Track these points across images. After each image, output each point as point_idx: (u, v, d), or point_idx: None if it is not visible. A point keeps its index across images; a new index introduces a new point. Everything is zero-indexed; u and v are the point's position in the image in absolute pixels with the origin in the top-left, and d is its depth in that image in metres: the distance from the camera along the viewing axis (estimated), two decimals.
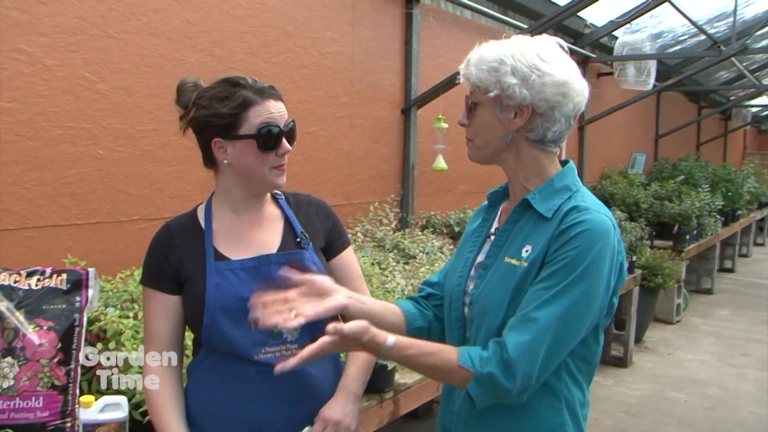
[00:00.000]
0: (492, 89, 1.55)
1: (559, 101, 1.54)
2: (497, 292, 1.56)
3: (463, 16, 5.80)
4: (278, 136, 1.70)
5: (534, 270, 1.52)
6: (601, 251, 1.48)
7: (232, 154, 1.71)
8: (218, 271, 1.71)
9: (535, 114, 1.55)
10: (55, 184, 2.92)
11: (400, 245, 4.12)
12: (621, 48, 7.62)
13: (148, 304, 1.79)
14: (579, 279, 1.46)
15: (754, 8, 8.50)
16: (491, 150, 1.63)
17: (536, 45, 1.56)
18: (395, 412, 2.84)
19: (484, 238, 1.74)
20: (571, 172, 1.65)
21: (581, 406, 1.62)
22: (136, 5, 3.14)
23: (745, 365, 6.35)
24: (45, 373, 1.91)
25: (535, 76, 1.51)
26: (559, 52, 1.57)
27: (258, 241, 1.79)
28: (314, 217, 1.90)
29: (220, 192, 1.81)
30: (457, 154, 5.30)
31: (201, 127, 1.74)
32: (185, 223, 1.81)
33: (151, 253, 1.80)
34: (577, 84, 1.56)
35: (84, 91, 2.98)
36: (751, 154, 19.38)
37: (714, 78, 12.16)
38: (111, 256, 3.13)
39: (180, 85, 1.80)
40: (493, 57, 1.55)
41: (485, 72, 1.55)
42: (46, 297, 1.99)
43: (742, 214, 10.59)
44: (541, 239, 1.54)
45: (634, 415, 5.07)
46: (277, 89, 1.75)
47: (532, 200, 1.59)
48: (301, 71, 4.09)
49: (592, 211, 1.52)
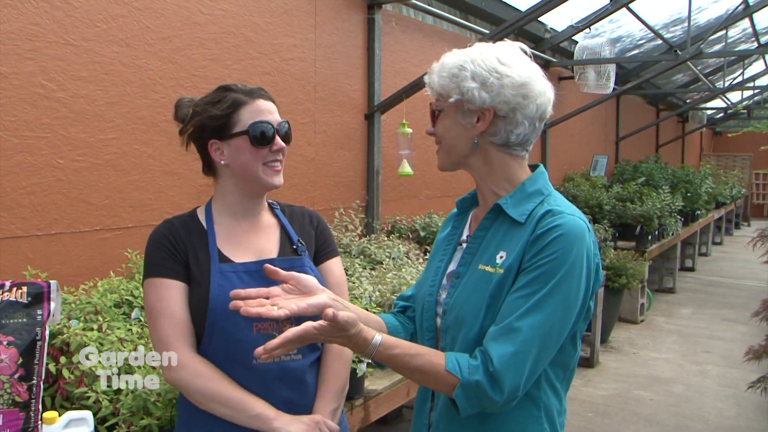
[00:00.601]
0: (452, 95, 1.55)
1: (519, 102, 1.54)
2: (472, 300, 1.53)
3: (425, 21, 5.82)
4: (270, 132, 1.77)
5: (510, 277, 1.50)
6: (578, 255, 1.47)
7: (228, 154, 1.78)
8: (222, 272, 1.74)
9: (497, 117, 1.55)
10: (13, 194, 2.85)
11: (366, 251, 4.11)
12: (581, 52, 7.73)
13: (164, 292, 1.73)
14: (559, 285, 1.44)
15: (707, 14, 8.70)
16: (457, 156, 1.62)
17: (497, 50, 1.57)
18: (366, 419, 2.83)
19: (454, 246, 1.72)
20: (542, 176, 1.65)
21: (558, 414, 1.60)
22: (95, 12, 3.08)
23: (707, 362, 6.46)
24: (5, 390, 1.85)
25: (493, 78, 1.52)
26: (520, 55, 1.58)
27: (256, 246, 1.83)
28: (308, 227, 1.95)
29: (218, 196, 1.86)
30: (421, 159, 5.31)
31: (198, 132, 1.80)
32: (187, 222, 1.83)
33: (158, 245, 1.77)
34: (538, 85, 1.56)
35: (42, 99, 2.91)
36: (707, 155, 19.84)
37: (671, 81, 12.42)
38: (73, 267, 3.07)
39: (178, 101, 1.87)
40: (453, 63, 1.56)
41: (446, 78, 1.56)
42: (5, 311, 1.94)
43: (701, 214, 10.80)
44: (515, 245, 1.52)
45: (601, 414, 5.12)
46: (267, 91, 1.83)
47: (504, 205, 1.58)
48: (264, 77, 4.06)
49: (567, 215, 1.51)
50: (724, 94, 12.65)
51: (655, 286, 9.43)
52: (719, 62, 11.11)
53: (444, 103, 1.59)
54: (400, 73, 5.38)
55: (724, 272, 11.34)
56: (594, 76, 7.96)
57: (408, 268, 3.69)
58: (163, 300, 1.72)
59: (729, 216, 15.92)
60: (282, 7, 4.20)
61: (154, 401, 2.01)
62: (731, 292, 9.65)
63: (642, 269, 7.27)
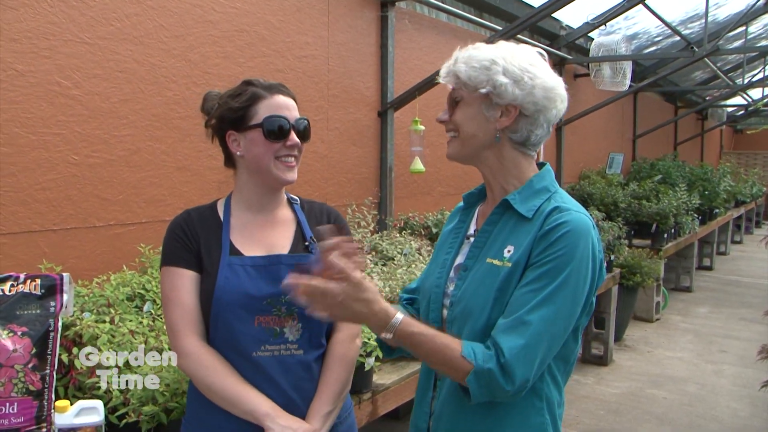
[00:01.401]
0: (483, 86, 1.57)
1: (545, 105, 1.58)
2: (480, 293, 1.56)
3: (439, 19, 5.83)
4: (286, 127, 1.80)
5: (518, 271, 1.53)
6: (585, 251, 1.51)
7: (243, 146, 1.81)
8: (230, 264, 1.76)
9: (521, 115, 1.59)
10: (29, 190, 2.91)
11: (378, 247, 4.14)
12: (596, 49, 7.69)
13: (177, 281, 1.77)
14: (567, 279, 1.48)
15: (726, 10, 8.62)
16: (474, 147, 1.64)
17: (525, 51, 1.60)
18: (374, 413, 2.85)
19: (461, 239, 1.75)
20: (549, 174, 1.69)
21: (558, 405, 1.64)
22: (109, 10, 3.13)
23: (722, 362, 6.43)
24: (19, 379, 1.90)
25: (527, 78, 1.55)
26: (543, 62, 1.62)
27: (269, 241, 1.85)
28: None
29: (237, 189, 1.89)
30: (434, 156, 5.33)
31: (218, 123, 1.85)
32: (205, 213, 1.87)
33: (175, 235, 1.82)
34: (563, 91, 1.61)
35: (57, 96, 2.97)
36: (727, 153, 19.62)
37: (689, 78, 12.32)
38: (87, 261, 3.12)
39: (206, 94, 1.92)
40: (485, 57, 1.58)
41: (476, 69, 1.57)
42: (19, 302, 1.99)
43: (719, 213, 10.71)
44: (523, 240, 1.55)
45: (614, 412, 5.12)
46: (288, 88, 1.87)
47: (512, 201, 1.61)
48: (277, 75, 4.10)
49: (573, 212, 1.54)
50: (744, 90, 12.51)
51: (671, 285, 9.38)
52: (739, 58, 10.99)
53: (469, 93, 1.61)
54: (413, 71, 5.39)
55: (742, 271, 11.23)
56: (610, 74, 7.93)
57: (419, 264, 3.71)
58: (175, 289, 1.77)
59: (749, 214, 15.76)
60: (295, 5, 4.23)
61: (162, 391, 2.05)
62: (749, 292, 9.56)
63: (657, 267, 7.23)
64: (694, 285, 9.64)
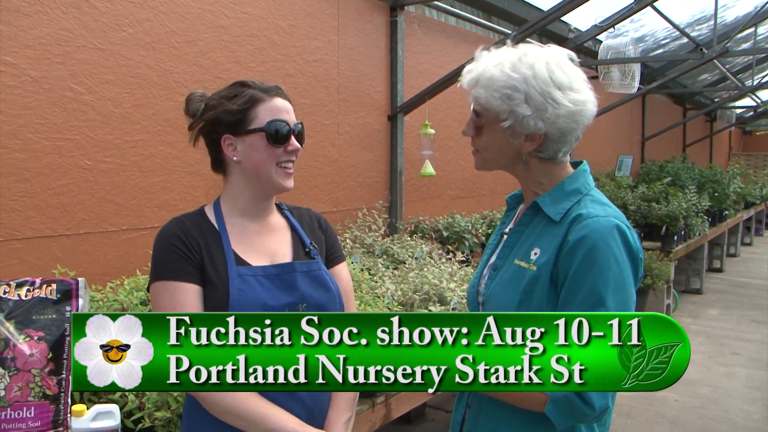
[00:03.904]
0: (505, 117, 1.54)
1: (573, 128, 1.56)
2: (507, 293, 1.57)
3: (448, 22, 5.84)
4: (286, 131, 1.71)
5: (544, 276, 1.52)
6: (618, 257, 1.48)
7: (241, 151, 1.71)
8: (240, 276, 1.66)
9: (547, 139, 1.57)
10: (43, 195, 2.92)
11: (389, 251, 4.14)
12: (605, 52, 7.67)
13: (179, 298, 1.62)
14: (610, 293, 1.44)
15: (734, 11, 8.60)
16: (500, 165, 1.65)
17: (549, 67, 1.53)
18: (387, 416, 2.85)
19: (499, 239, 1.77)
20: (583, 174, 1.67)
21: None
22: (122, 16, 3.15)
23: (734, 364, 6.39)
24: (36, 383, 1.91)
25: (550, 108, 1.51)
26: (571, 69, 1.56)
27: (269, 249, 1.76)
28: (317, 230, 1.90)
29: (228, 195, 1.78)
30: (444, 160, 5.33)
31: (211, 125, 1.73)
32: (198, 221, 1.74)
33: (172, 246, 1.67)
34: (590, 105, 1.57)
35: (70, 102, 2.99)
36: (736, 155, 19.53)
37: (698, 80, 12.28)
38: (100, 266, 3.14)
39: (189, 95, 1.81)
40: (505, 82, 1.52)
41: (497, 99, 1.53)
42: (35, 307, 2.00)
43: (729, 215, 10.66)
44: (550, 243, 1.55)
45: (625, 415, 5.09)
46: (284, 90, 1.77)
47: (541, 203, 1.61)
48: (287, 79, 4.11)
49: (595, 218, 1.51)
50: (753, 92, 12.46)
51: (681, 287, 9.33)
52: (748, 60, 10.96)
53: (491, 120, 1.58)
54: (422, 74, 5.40)
55: (753, 273, 11.17)
56: (619, 76, 7.90)
57: (430, 267, 3.71)
58: (179, 306, 1.61)
59: (759, 216, 15.66)
60: (305, 10, 4.25)
61: (177, 396, 2.06)
62: (760, 294, 9.51)
63: (667, 269, 7.20)
64: (704, 287, 9.59)
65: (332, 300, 1.76)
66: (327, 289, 1.76)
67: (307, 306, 1.69)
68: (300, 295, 1.69)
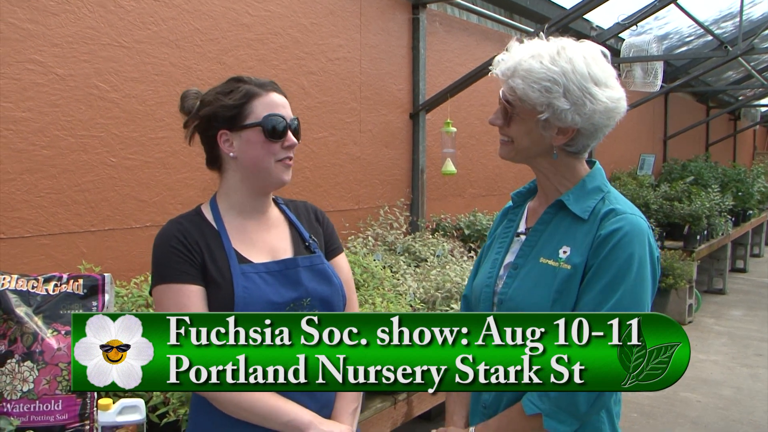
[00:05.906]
0: (542, 110, 1.53)
1: (605, 124, 1.57)
2: (536, 293, 1.57)
3: (470, 20, 5.82)
4: (283, 127, 1.69)
5: (578, 274, 1.52)
6: (642, 256, 1.50)
7: (238, 147, 1.69)
8: (244, 273, 1.65)
9: (579, 133, 1.57)
10: (69, 191, 2.96)
11: (410, 248, 4.15)
12: (627, 50, 7.62)
13: (183, 300, 1.61)
14: (630, 289, 1.47)
15: (761, 8, 8.49)
16: (528, 156, 1.64)
17: (586, 61, 1.53)
18: (409, 414, 2.86)
19: (511, 237, 1.74)
20: (600, 172, 1.67)
21: (615, 402, 1.63)
22: (146, 14, 3.18)
23: (758, 365, 6.32)
24: (64, 377, 1.94)
25: (588, 102, 1.51)
26: (606, 65, 1.57)
27: (268, 244, 1.75)
28: (314, 223, 1.89)
29: (224, 192, 1.77)
30: (466, 158, 5.32)
31: (207, 121, 1.72)
32: (195, 221, 1.73)
33: (172, 248, 1.65)
34: (624, 103, 1.58)
35: (96, 99, 3.02)
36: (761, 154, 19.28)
37: (722, 78, 12.14)
38: (124, 262, 3.16)
39: (184, 93, 1.80)
40: (544, 75, 1.51)
41: (536, 90, 1.52)
42: (63, 302, 2.03)
43: (753, 214, 10.55)
44: (580, 241, 1.55)
45: (647, 415, 5.06)
46: (279, 86, 1.76)
47: (566, 201, 1.60)
48: (310, 77, 4.13)
49: (628, 215, 1.54)
50: None
51: (704, 287, 9.25)
52: None
53: (526, 111, 1.57)
54: (444, 72, 5.39)
55: None
56: (641, 74, 7.84)
57: (452, 265, 3.71)
58: (183, 308, 1.60)
59: None
60: (327, 8, 4.26)
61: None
62: None
63: (689, 269, 7.14)
64: (727, 287, 9.49)
65: (336, 293, 1.76)
66: (330, 283, 1.76)
67: (312, 300, 1.69)
68: (304, 289, 1.69)
